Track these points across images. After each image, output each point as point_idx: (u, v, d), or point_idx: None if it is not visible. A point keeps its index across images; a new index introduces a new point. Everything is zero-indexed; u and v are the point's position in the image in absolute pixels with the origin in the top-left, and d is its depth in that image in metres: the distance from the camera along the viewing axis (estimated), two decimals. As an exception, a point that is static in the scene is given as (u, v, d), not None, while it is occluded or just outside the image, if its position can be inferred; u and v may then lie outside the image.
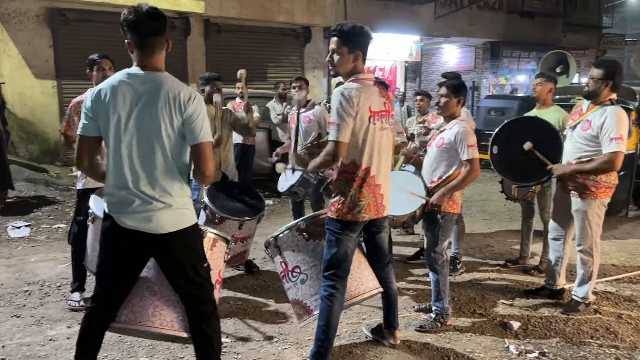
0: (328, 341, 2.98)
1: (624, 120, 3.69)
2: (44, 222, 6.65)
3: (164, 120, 2.39)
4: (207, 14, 11.74)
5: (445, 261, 3.77)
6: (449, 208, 3.69)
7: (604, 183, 3.84)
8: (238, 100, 8.07)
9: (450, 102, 3.71)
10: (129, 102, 2.39)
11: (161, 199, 2.44)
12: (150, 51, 2.44)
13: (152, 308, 2.63)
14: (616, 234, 6.61)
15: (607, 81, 3.71)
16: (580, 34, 20.35)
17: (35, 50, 10.22)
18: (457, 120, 3.72)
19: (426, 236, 3.84)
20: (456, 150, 3.62)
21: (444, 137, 3.70)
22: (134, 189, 2.42)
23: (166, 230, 2.45)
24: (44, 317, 3.84)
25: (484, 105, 15.34)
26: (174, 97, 2.40)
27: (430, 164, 3.80)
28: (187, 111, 2.41)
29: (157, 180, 2.43)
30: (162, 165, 2.44)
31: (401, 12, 14.88)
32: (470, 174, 3.59)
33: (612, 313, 4.07)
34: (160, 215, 2.44)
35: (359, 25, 2.97)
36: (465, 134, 3.60)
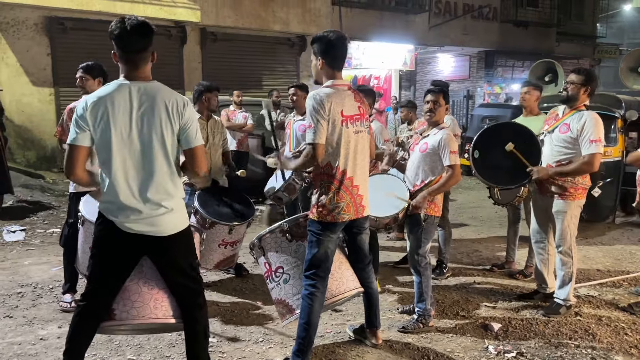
0: (309, 339, 3.08)
1: (601, 124, 3.90)
2: (39, 226, 6.74)
3: (164, 128, 2.53)
4: (203, 22, 11.91)
5: (427, 263, 3.88)
6: (430, 211, 3.81)
7: (581, 185, 4.03)
8: (232, 108, 8.20)
9: (442, 109, 3.88)
10: (127, 113, 2.49)
11: (165, 203, 2.57)
12: (134, 66, 2.54)
13: (153, 301, 2.72)
14: (603, 240, 6.72)
15: (586, 87, 3.92)
16: (574, 44, 20.55)
17: (33, 59, 10.37)
18: (441, 126, 3.86)
19: (409, 239, 3.94)
20: (439, 155, 3.76)
21: (428, 143, 3.83)
22: (139, 196, 2.53)
23: (169, 233, 2.60)
24: (35, 318, 3.93)
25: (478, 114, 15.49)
26: (172, 104, 2.55)
27: (413, 167, 3.92)
28: (184, 117, 2.58)
29: (162, 186, 2.57)
30: (164, 170, 2.58)
31: (396, 22, 15.07)
32: (452, 179, 3.76)
33: (593, 315, 4.16)
34: (164, 219, 2.58)
35: (325, 32, 3.10)
36: (448, 140, 3.74)
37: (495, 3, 17.49)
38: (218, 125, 4.92)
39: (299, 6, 13.25)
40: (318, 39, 3.11)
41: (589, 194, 6.36)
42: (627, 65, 7.19)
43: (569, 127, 3.93)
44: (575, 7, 20.96)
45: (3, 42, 10.12)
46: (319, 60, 3.10)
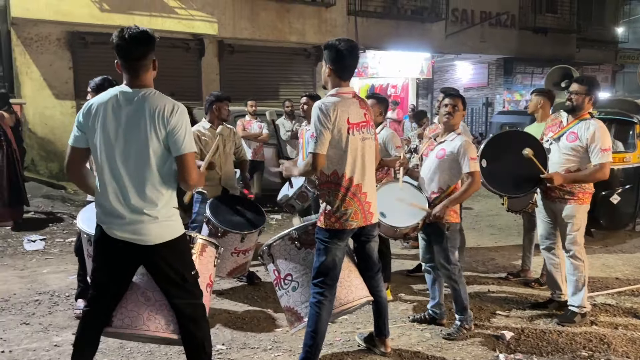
0: (316, 347, 3.08)
1: (608, 132, 3.97)
2: (58, 236, 6.88)
3: (150, 134, 2.52)
4: (221, 35, 12.09)
5: (461, 270, 3.84)
6: (450, 218, 3.75)
7: (587, 190, 4.05)
8: (247, 118, 8.29)
9: (459, 113, 3.83)
10: (116, 118, 2.54)
11: (148, 211, 2.55)
12: (135, 74, 2.59)
13: (147, 313, 2.75)
14: (624, 247, 6.58)
15: (590, 95, 3.96)
16: (596, 49, 20.24)
17: (55, 72, 10.65)
18: (456, 133, 3.80)
19: (435, 252, 3.87)
20: (457, 162, 3.69)
21: (445, 149, 3.75)
22: (123, 202, 2.56)
23: (153, 242, 2.58)
24: (51, 325, 4.01)
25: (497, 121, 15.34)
26: (158, 111, 2.52)
27: (429, 174, 3.84)
28: (171, 123, 2.53)
29: (145, 193, 2.56)
30: (150, 178, 2.56)
31: (412, 31, 15.07)
32: (472, 187, 3.68)
33: (609, 324, 4.08)
34: (147, 227, 2.56)
35: (337, 40, 3.10)
36: (467, 146, 3.67)
37: (513, 10, 17.36)
38: (230, 133, 4.98)
39: (315, 17, 13.36)
40: (329, 47, 3.11)
41: (608, 201, 6.33)
42: (646, 70, 7.09)
43: (577, 136, 3.95)
44: (596, 13, 20.68)
45: (27, 57, 10.42)
46: (327, 68, 3.13)
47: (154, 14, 10.99)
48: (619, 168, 6.49)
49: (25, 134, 10.01)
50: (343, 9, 13.81)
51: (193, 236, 3.12)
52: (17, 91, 10.34)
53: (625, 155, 6.61)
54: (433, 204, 3.77)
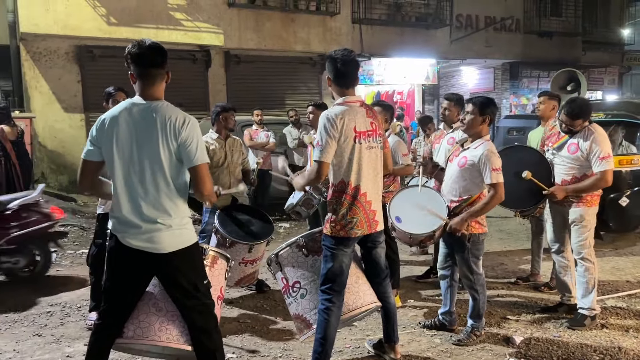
0: (325, 354, 3.09)
1: (607, 138, 3.99)
2: (69, 247, 6.94)
3: (161, 145, 2.57)
4: (227, 46, 12.20)
5: (484, 279, 3.79)
6: (473, 229, 3.65)
7: (595, 192, 4.07)
8: (254, 127, 8.35)
9: (475, 120, 3.63)
10: (129, 130, 2.59)
11: (162, 220, 2.60)
12: (151, 82, 2.64)
13: (158, 323, 2.77)
14: (634, 250, 6.55)
15: (580, 118, 4.00)
16: (602, 52, 20.17)
17: (64, 86, 10.78)
18: (483, 139, 3.64)
19: (457, 262, 3.83)
20: (479, 171, 3.56)
21: (467, 157, 3.64)
22: (137, 212, 2.60)
23: (167, 250, 2.61)
24: (63, 336, 4.05)
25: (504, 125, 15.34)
26: (169, 123, 2.57)
27: (451, 182, 3.75)
28: (182, 136, 2.57)
29: (158, 203, 2.60)
30: (163, 188, 2.61)
31: (417, 37, 15.11)
32: (494, 199, 3.52)
33: (620, 327, 4.06)
34: (162, 235, 2.60)
35: (333, 51, 3.17)
36: (489, 156, 3.51)
37: (517, 14, 17.37)
38: (237, 144, 5.03)
39: (320, 26, 13.44)
40: (327, 58, 3.20)
41: (617, 204, 6.30)
42: (652, 71, 7.08)
43: (577, 147, 4.01)
44: (601, 15, 20.63)
45: (36, 71, 10.56)
46: (327, 79, 3.20)
47: (160, 27, 11.11)
48: (627, 170, 6.46)
49: (35, 147, 10.13)
50: (347, 17, 13.89)
51: (205, 247, 3.15)
52: (26, 105, 10.47)
53: (633, 158, 6.58)
54: (453, 212, 3.67)
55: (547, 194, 4.04)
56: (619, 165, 6.17)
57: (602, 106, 7.82)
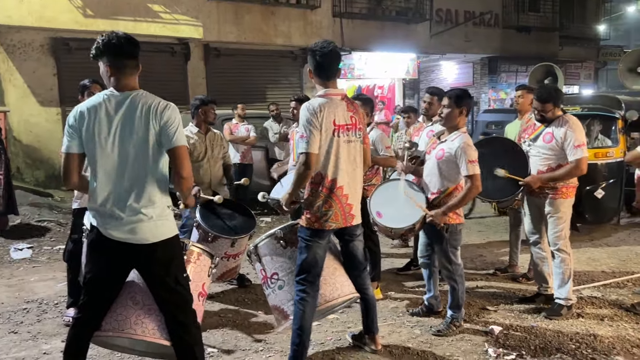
0: (303, 345, 3.11)
1: (581, 127, 4.05)
2: (45, 244, 6.84)
3: (144, 132, 2.55)
4: (206, 39, 12.07)
5: (462, 269, 3.87)
6: (451, 220, 3.72)
7: (571, 184, 4.14)
8: (234, 121, 8.30)
9: (452, 113, 3.69)
10: (109, 120, 2.56)
11: (144, 210, 2.58)
12: (128, 72, 2.63)
13: (134, 317, 2.75)
14: (609, 241, 6.68)
15: (556, 107, 4.07)
16: (578, 47, 20.48)
17: (39, 79, 10.56)
18: (460, 132, 3.70)
19: (435, 252, 3.92)
20: (456, 163, 3.63)
21: (444, 149, 3.70)
22: (119, 203, 2.57)
23: (149, 241, 2.59)
24: (40, 333, 3.98)
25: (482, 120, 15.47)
26: (152, 107, 2.56)
27: (430, 175, 3.81)
28: (163, 118, 2.56)
29: (140, 193, 2.58)
30: (145, 177, 2.59)
31: (397, 32, 15.14)
32: (471, 191, 3.60)
33: (595, 316, 4.15)
34: (143, 226, 2.58)
35: (314, 44, 3.17)
36: (465, 148, 3.57)
37: (496, 9, 17.51)
38: (217, 138, 4.99)
39: (301, 19, 13.39)
40: (308, 50, 3.21)
41: (593, 196, 6.42)
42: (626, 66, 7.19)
43: (553, 136, 4.06)
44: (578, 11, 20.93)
45: (10, 64, 10.33)
46: (308, 71, 3.19)
47: (138, 19, 10.95)
48: (603, 163, 6.58)
49: (10, 142, 9.92)
50: (328, 10, 13.86)
51: (186, 243, 3.13)
52: (0, 99, 10.25)
53: (608, 150, 6.71)
54: (432, 204, 3.74)
55: (523, 184, 4.10)
56: (595, 158, 6.28)
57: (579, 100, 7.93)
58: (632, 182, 4.48)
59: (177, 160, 2.60)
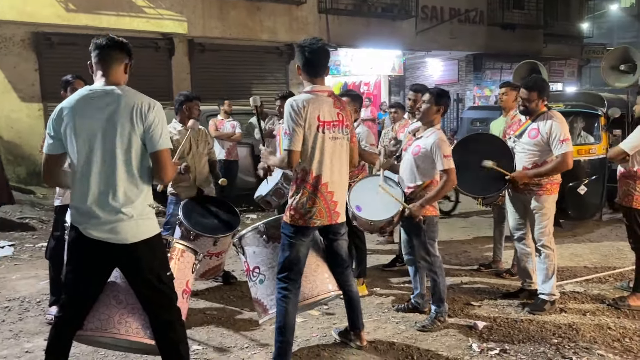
0: (286, 342, 3.10)
1: (565, 123, 4.08)
2: (27, 241, 6.75)
3: (127, 131, 2.51)
4: (191, 34, 11.98)
5: (441, 261, 3.94)
6: (427, 212, 3.81)
7: (555, 180, 4.16)
8: (220, 117, 8.24)
9: (430, 110, 3.80)
10: (90, 117, 2.52)
11: (125, 210, 2.53)
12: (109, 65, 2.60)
13: (118, 316, 2.72)
14: (592, 237, 6.77)
15: (542, 98, 4.10)
16: (562, 44, 20.69)
17: (21, 74, 10.40)
18: (434, 128, 3.81)
19: (414, 245, 3.96)
20: (431, 158, 3.73)
21: (420, 145, 3.79)
22: (100, 201, 2.53)
23: (129, 241, 2.55)
24: (22, 331, 3.93)
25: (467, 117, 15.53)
26: (135, 107, 2.52)
27: (407, 170, 3.90)
28: (148, 119, 2.53)
29: (121, 192, 2.53)
30: (126, 176, 2.55)
31: (383, 28, 15.16)
32: (447, 184, 3.72)
33: (578, 311, 4.20)
34: (124, 226, 2.54)
35: (304, 40, 3.16)
36: (440, 144, 3.68)
37: (481, 6, 17.62)
38: (202, 134, 4.95)
39: (286, 15, 13.34)
40: (297, 46, 3.19)
41: (576, 192, 6.50)
42: (609, 64, 7.25)
43: (538, 132, 4.08)
44: (562, 8, 21.13)
45: (-10, 59, 10.16)
46: (297, 67, 3.18)
47: (121, 14, 10.83)
48: (585, 160, 6.66)
49: (-9, 138, 9.78)
50: (314, 6, 13.82)
51: (170, 240, 3.10)
52: (-20, 95, 10.09)
53: (591, 147, 6.79)
54: (409, 199, 3.83)
55: (509, 178, 4.11)
56: (578, 155, 6.35)
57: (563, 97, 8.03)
58: (614, 178, 4.51)
59: (160, 164, 2.59)
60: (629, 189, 4.23)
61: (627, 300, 4.25)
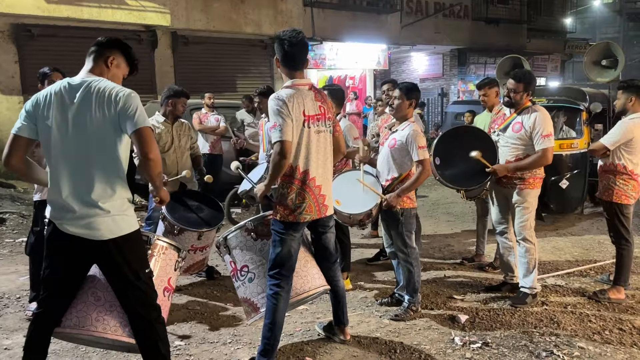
0: (274, 338, 3.09)
1: (549, 118, 4.12)
2: (7, 236, 6.64)
3: (102, 122, 2.46)
4: (174, 26, 11.87)
5: (417, 253, 4.01)
6: (405, 204, 3.89)
7: (538, 175, 4.19)
8: (204, 111, 8.16)
9: (403, 104, 3.90)
10: (64, 109, 2.48)
11: (101, 204, 2.48)
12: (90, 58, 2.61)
13: (95, 313, 2.68)
14: (573, 230, 6.84)
15: (528, 91, 4.12)
16: (545, 39, 20.89)
17: (0, 67, 10.21)
18: (409, 122, 3.92)
19: (392, 237, 4.02)
20: (407, 150, 3.83)
21: (396, 138, 3.89)
22: (75, 195, 2.48)
23: (105, 237, 2.50)
24: (0, 328, 3.87)
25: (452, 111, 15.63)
26: (105, 94, 2.47)
27: (384, 163, 3.99)
28: (119, 105, 2.46)
29: (97, 185, 2.48)
30: (102, 169, 2.49)
31: (368, 22, 15.15)
32: (422, 174, 3.82)
33: (559, 304, 4.24)
34: (100, 221, 2.49)
35: (281, 32, 3.11)
36: (415, 135, 3.80)
37: (466, 1, 17.71)
38: (185, 127, 4.90)
39: (271, 8, 13.26)
40: (275, 38, 3.15)
41: (557, 186, 6.56)
42: (591, 59, 7.31)
43: (522, 125, 4.11)
44: (545, 4, 21.33)
45: (-31, 50, 9.96)
46: (275, 60, 3.15)
47: (103, 5, 10.67)
48: (567, 154, 6.73)
49: (-31, 131, 9.59)
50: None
51: (151, 237, 3.06)
52: (-42, 86, 9.89)
53: (572, 142, 6.86)
54: (386, 190, 3.90)
55: (490, 171, 4.13)
56: (560, 149, 6.41)
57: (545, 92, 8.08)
58: (595, 172, 4.56)
59: (142, 143, 2.46)
60: (609, 183, 4.28)
61: (607, 293, 4.30)
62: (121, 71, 2.70)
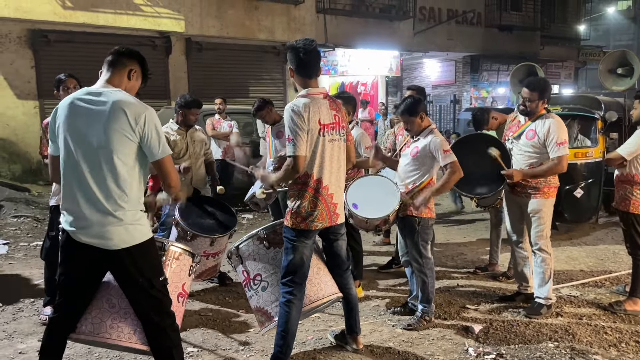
0: (287, 346, 3.08)
1: (564, 126, 4.09)
2: (22, 240, 6.70)
3: (119, 135, 2.47)
4: (188, 32, 11.96)
5: (432, 263, 3.96)
6: (423, 214, 3.84)
7: (552, 184, 4.16)
8: (217, 117, 8.21)
9: (414, 124, 3.87)
10: (80, 119, 2.49)
11: (115, 213, 2.49)
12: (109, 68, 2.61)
13: (110, 320, 2.68)
14: (588, 240, 6.77)
15: (543, 99, 4.10)
16: (559, 47, 20.76)
17: (17, 72, 10.36)
18: (429, 129, 3.89)
19: (407, 246, 3.98)
20: (430, 158, 3.80)
21: (418, 147, 3.85)
22: (88, 205, 2.49)
23: (118, 247, 2.51)
24: (15, 332, 3.90)
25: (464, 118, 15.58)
26: (126, 110, 2.48)
27: (405, 171, 3.95)
28: (143, 129, 2.49)
29: (111, 196, 2.49)
30: (117, 180, 2.50)
31: (380, 29, 15.17)
32: (453, 175, 3.75)
33: (574, 315, 4.19)
34: (113, 231, 2.50)
35: (295, 41, 3.13)
36: (439, 142, 3.77)
37: (479, 8, 17.65)
38: (198, 134, 4.92)
39: (284, 14, 13.32)
40: (288, 48, 3.16)
41: (572, 195, 6.50)
42: (606, 67, 7.24)
43: (535, 133, 4.08)
44: (559, 11, 21.22)
45: (-14, 55, 10.10)
46: (289, 69, 3.16)
47: (118, 12, 10.79)
48: (582, 163, 6.66)
49: (-14, 135, 9.73)
50: (312, 6, 13.82)
51: (165, 243, 3.07)
52: (-24, 91, 10.04)
53: (587, 150, 6.79)
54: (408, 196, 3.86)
55: (506, 174, 4.07)
56: (574, 158, 6.35)
57: (560, 100, 8.02)
58: (611, 182, 4.51)
59: (163, 172, 2.61)
60: (626, 193, 4.23)
61: (623, 305, 4.24)
62: (138, 83, 2.73)
